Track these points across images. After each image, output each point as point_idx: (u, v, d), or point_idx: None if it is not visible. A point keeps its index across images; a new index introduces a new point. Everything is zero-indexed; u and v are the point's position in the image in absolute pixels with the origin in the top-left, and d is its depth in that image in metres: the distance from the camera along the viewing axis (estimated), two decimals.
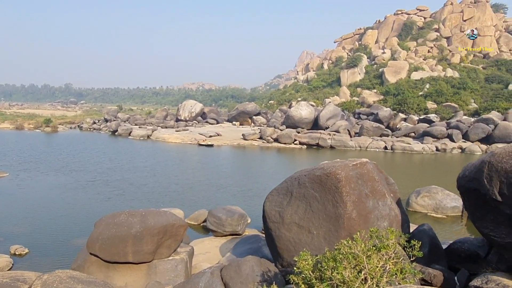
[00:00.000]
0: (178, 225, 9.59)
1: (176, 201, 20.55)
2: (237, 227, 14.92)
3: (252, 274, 8.81)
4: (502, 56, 71.62)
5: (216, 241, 14.30)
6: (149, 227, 9.06)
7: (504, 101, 53.98)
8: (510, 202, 6.74)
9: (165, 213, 9.78)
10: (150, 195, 21.84)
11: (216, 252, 13.14)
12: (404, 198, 19.58)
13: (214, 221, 15.11)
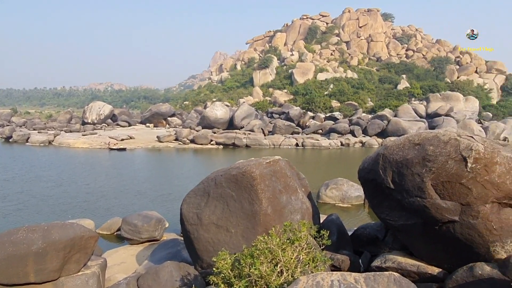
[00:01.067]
0: (88, 237, 8.90)
1: (87, 211, 19.04)
2: (154, 232, 14.38)
3: (171, 279, 8.58)
4: (391, 60, 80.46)
5: (132, 250, 13.61)
6: (54, 242, 8.24)
7: (394, 100, 60.64)
8: (401, 189, 7.61)
9: (71, 225, 8.99)
10: (56, 207, 19.88)
11: (132, 261, 12.51)
12: (314, 191, 20.85)
13: (129, 228, 14.36)
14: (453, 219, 6.97)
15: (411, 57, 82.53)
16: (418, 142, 7.55)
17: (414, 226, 7.70)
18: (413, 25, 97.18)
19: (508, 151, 7.03)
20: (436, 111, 53.71)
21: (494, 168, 6.68)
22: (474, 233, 6.88)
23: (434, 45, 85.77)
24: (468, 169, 6.73)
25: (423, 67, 76.12)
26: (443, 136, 7.27)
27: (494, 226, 6.73)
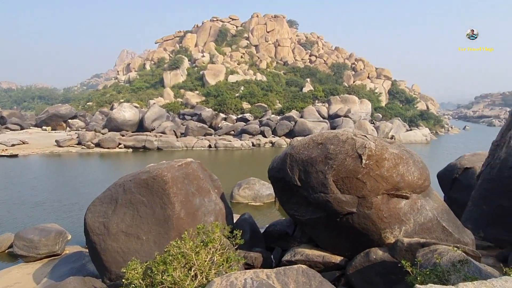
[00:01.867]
0: None
1: None
2: (54, 247, 13.06)
3: None
4: (297, 64, 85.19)
5: (28, 268, 12.17)
6: None
7: (300, 102, 64.27)
8: (307, 186, 8.11)
9: None
10: None
11: (28, 281, 11.19)
12: (228, 191, 21.05)
13: (24, 244, 12.81)
14: (352, 211, 7.66)
15: (314, 62, 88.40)
16: (321, 141, 8.13)
17: (319, 219, 8.26)
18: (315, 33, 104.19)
19: (394, 147, 7.97)
20: (337, 112, 58.39)
21: (383, 163, 7.52)
22: (368, 222, 7.65)
23: (334, 52, 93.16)
24: (363, 165, 7.46)
25: (325, 71, 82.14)
26: (341, 136, 7.95)
27: (384, 215, 7.57)
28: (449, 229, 7.97)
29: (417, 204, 7.98)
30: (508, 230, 10.39)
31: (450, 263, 5.62)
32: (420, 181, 7.94)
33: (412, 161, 7.95)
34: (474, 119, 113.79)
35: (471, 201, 12.09)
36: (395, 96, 76.51)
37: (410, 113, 67.74)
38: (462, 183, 14.90)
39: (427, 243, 7.10)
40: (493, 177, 11.26)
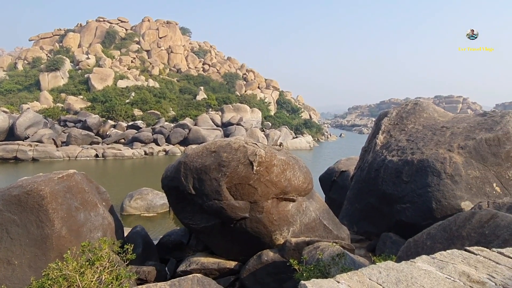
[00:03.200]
0: None
1: None
2: None
3: None
4: (190, 72, 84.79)
5: None
6: None
7: (194, 109, 64.02)
8: (201, 193, 8.10)
9: None
10: None
11: None
12: (118, 203, 19.69)
13: None
14: (245, 216, 7.91)
15: (207, 70, 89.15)
16: (214, 149, 8.22)
17: (214, 226, 8.32)
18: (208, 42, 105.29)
19: (282, 154, 8.52)
20: (229, 121, 59.79)
21: (272, 169, 7.97)
22: (260, 226, 8.00)
23: (226, 62, 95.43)
24: (254, 171, 7.78)
25: (218, 80, 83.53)
26: (234, 144, 8.17)
27: (274, 218, 8.01)
28: (329, 227, 8.82)
29: (302, 206, 8.64)
30: (375, 224, 11.95)
31: (330, 257, 6.22)
32: (305, 185, 8.63)
33: (298, 167, 8.61)
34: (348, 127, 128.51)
35: (347, 200, 13.58)
36: (283, 106, 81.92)
37: (296, 122, 73.24)
38: (339, 184, 16.61)
39: (312, 241, 7.74)
40: (363, 178, 12.83)
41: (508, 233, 4.78)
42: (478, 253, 3.34)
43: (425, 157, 11.21)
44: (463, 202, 10.11)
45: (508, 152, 10.59)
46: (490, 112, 12.95)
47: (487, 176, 10.54)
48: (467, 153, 10.80)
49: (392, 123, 14.36)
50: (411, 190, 11.16)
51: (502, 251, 3.39)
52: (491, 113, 12.58)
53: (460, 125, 12.21)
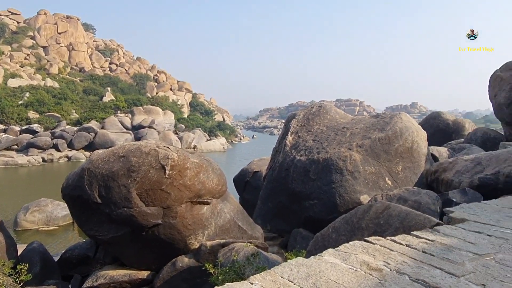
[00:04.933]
0: None
1: None
2: None
3: None
4: (95, 72, 78.84)
5: None
6: None
7: (101, 112, 59.67)
8: (108, 202, 7.52)
9: None
10: None
11: None
12: (10, 218, 17.36)
13: None
14: (157, 223, 7.57)
15: (114, 70, 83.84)
16: (122, 154, 7.71)
17: (124, 236, 7.80)
18: (114, 40, 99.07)
19: (195, 157, 8.36)
20: (140, 123, 57.05)
21: (185, 173, 7.77)
22: (174, 232, 7.73)
23: (135, 62, 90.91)
24: (167, 175, 7.50)
25: (127, 81, 79.12)
26: (144, 148, 7.77)
27: (188, 222, 7.82)
28: (243, 227, 8.92)
29: (217, 208, 8.59)
30: (287, 221, 12.45)
31: (245, 257, 6.27)
32: (219, 187, 8.59)
33: (211, 169, 8.53)
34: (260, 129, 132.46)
35: (260, 200, 13.91)
36: (196, 108, 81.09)
37: (209, 124, 73.10)
38: (252, 185, 16.93)
39: (227, 243, 7.73)
40: (274, 178, 13.28)
41: (398, 221, 5.37)
42: (376, 242, 3.66)
43: (329, 156, 12.05)
44: (362, 196, 11.11)
45: (397, 149, 11.95)
46: (381, 114, 14.45)
47: (380, 171, 11.74)
48: (364, 151, 11.88)
49: (299, 125, 15.10)
50: (317, 187, 11.88)
51: (394, 239, 3.77)
52: (383, 115, 14.05)
53: (358, 126, 13.39)
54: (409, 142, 12.20)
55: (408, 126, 12.58)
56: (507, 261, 3.24)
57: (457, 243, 3.66)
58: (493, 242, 3.73)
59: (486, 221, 4.51)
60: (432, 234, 3.97)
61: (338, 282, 2.76)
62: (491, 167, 10.39)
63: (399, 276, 2.90)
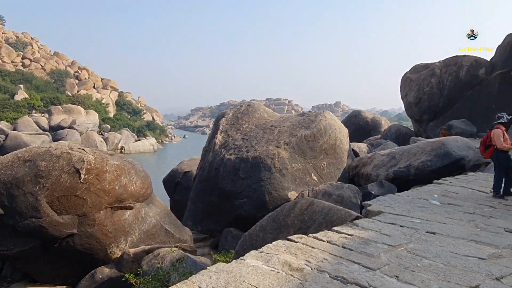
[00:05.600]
0: None
1: None
2: None
3: None
4: (5, 67, 70.63)
5: None
6: None
7: (12, 111, 53.64)
8: (13, 212, 6.63)
9: None
10: None
11: None
12: None
13: None
14: (72, 232, 6.86)
15: (28, 66, 75.87)
16: (28, 158, 6.86)
17: (33, 249, 6.95)
18: (28, 33, 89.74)
19: (115, 159, 7.75)
20: (60, 124, 52.37)
21: (104, 176, 7.15)
22: (92, 241, 7.08)
23: (53, 57, 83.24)
24: (82, 180, 6.82)
25: (43, 78, 72.06)
26: (55, 150, 6.99)
27: (109, 229, 7.21)
28: (171, 230, 8.52)
29: (141, 213, 8.07)
30: (217, 221, 12.24)
31: (170, 263, 5.93)
32: (143, 190, 8.08)
33: (134, 171, 7.99)
34: (191, 128, 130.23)
35: (190, 201, 13.51)
36: (123, 107, 76.89)
37: (138, 124, 69.82)
38: (183, 185, 16.44)
39: (152, 249, 7.29)
40: (204, 178, 12.99)
41: (321, 217, 5.47)
42: (298, 241, 3.63)
43: (258, 154, 12.09)
44: (290, 192, 11.33)
45: (321, 146, 12.40)
46: (307, 113, 14.94)
47: (307, 168, 12.08)
48: (291, 148, 12.13)
49: (229, 123, 14.99)
50: (247, 186, 11.86)
51: (316, 236, 3.78)
52: (308, 113, 14.53)
53: (285, 124, 13.65)
54: (332, 139, 12.74)
55: (332, 124, 13.13)
56: (417, 250, 3.40)
57: (373, 236, 3.78)
58: (405, 232, 3.93)
59: (399, 212, 4.77)
60: (352, 229, 4.06)
61: (258, 287, 2.63)
62: (403, 161, 11.29)
63: (319, 274, 2.87)
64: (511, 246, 3.56)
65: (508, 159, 6.04)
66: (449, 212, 4.86)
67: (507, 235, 3.93)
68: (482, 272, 2.93)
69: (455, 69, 23.48)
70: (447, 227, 4.18)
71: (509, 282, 2.76)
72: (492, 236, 3.85)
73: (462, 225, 4.27)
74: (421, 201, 5.45)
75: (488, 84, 22.22)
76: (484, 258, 3.23)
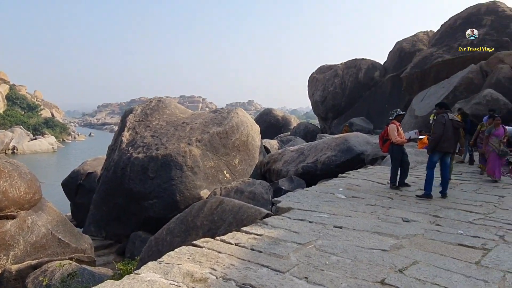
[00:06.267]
0: None
1: None
2: None
3: None
4: None
5: None
6: None
7: None
8: None
9: None
10: None
11: None
12: None
13: None
14: None
15: None
16: None
17: None
18: None
19: None
20: None
21: None
22: None
23: None
24: None
25: None
26: None
27: None
28: (65, 240, 7.46)
29: (27, 222, 6.90)
30: (125, 225, 11.28)
31: (60, 279, 5.10)
32: (29, 196, 6.91)
33: (17, 174, 6.79)
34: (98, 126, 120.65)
35: (93, 204, 12.25)
36: (15, 102, 67.63)
37: (34, 121, 62.07)
38: (86, 187, 14.96)
39: (40, 263, 6.26)
40: (109, 179, 11.87)
41: (232, 216, 5.20)
42: (204, 246, 3.27)
43: (169, 152, 11.45)
44: (202, 190, 10.92)
45: (234, 143, 12.22)
46: (220, 109, 14.66)
47: (219, 165, 11.80)
48: (203, 145, 11.72)
49: (137, 120, 14.08)
50: (157, 185, 11.17)
51: (224, 238, 3.47)
52: (221, 110, 14.25)
53: (198, 120, 13.19)
54: (244, 135, 12.66)
55: (244, 121, 13.05)
56: (326, 247, 3.31)
57: (283, 235, 3.60)
58: (314, 228, 3.84)
59: (308, 207, 4.72)
60: (261, 228, 3.84)
61: None
62: (311, 156, 11.69)
63: (225, 283, 2.55)
64: (408, 236, 3.70)
65: (402, 152, 6.49)
66: (353, 205, 4.97)
67: (404, 225, 4.11)
68: (386, 265, 2.92)
69: (355, 71, 25.52)
70: (352, 220, 4.22)
71: (410, 273, 2.79)
72: (392, 227, 3.98)
73: (365, 217, 4.36)
74: (328, 195, 5.52)
75: (382, 85, 24.61)
76: (387, 250, 3.26)
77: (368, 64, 25.53)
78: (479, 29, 18.57)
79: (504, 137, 7.15)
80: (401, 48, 24.19)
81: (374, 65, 25.60)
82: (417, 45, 23.51)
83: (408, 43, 24.24)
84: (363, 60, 25.91)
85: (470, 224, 4.21)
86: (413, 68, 20.21)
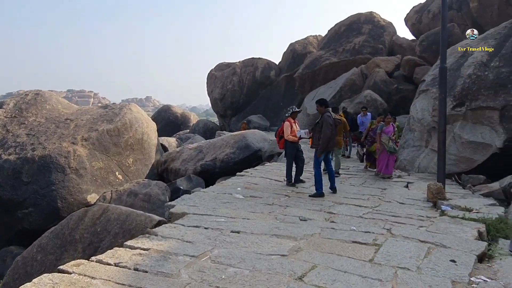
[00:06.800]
0: None
1: None
2: None
3: None
4: None
5: None
6: None
7: None
8: None
9: None
10: None
11: None
12: None
13: None
14: None
15: None
16: None
17: None
18: None
19: None
20: None
21: None
22: None
23: None
24: None
25: None
26: None
27: None
28: None
29: None
30: None
31: None
32: None
33: None
34: None
35: None
36: None
37: None
38: None
39: None
40: None
41: (118, 226, 4.50)
42: (73, 271, 2.60)
43: (48, 152, 9.89)
44: (89, 195, 9.65)
45: (127, 141, 11.13)
46: (110, 105, 13.27)
47: (110, 166, 10.61)
48: (91, 144, 10.40)
49: (9, 116, 12.02)
50: (33, 192, 9.56)
51: (101, 258, 2.84)
52: (112, 106, 12.89)
53: (84, 117, 11.70)
54: (139, 133, 11.64)
55: (138, 118, 12.01)
56: (222, 257, 2.95)
57: (174, 247, 3.13)
58: (210, 236, 3.46)
59: (204, 211, 4.32)
60: (149, 240, 3.30)
61: None
62: (210, 154, 11.31)
63: None
64: (306, 236, 3.58)
65: (297, 149, 6.54)
66: (251, 205, 4.74)
67: (302, 224, 4.01)
68: (285, 273, 2.69)
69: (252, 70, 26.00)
70: (250, 223, 3.96)
71: (310, 280, 2.61)
72: (290, 228, 3.83)
73: (263, 219, 4.15)
74: (226, 196, 5.21)
75: (277, 84, 25.57)
76: (286, 255, 3.05)
77: (265, 63, 26.27)
78: (359, 36, 20.58)
79: (393, 135, 7.57)
80: (294, 50, 25.51)
81: (270, 64, 26.47)
82: (307, 48, 25.04)
83: (300, 45, 25.67)
84: (259, 60, 26.56)
85: (361, 219, 4.33)
86: (304, 69, 21.41)
